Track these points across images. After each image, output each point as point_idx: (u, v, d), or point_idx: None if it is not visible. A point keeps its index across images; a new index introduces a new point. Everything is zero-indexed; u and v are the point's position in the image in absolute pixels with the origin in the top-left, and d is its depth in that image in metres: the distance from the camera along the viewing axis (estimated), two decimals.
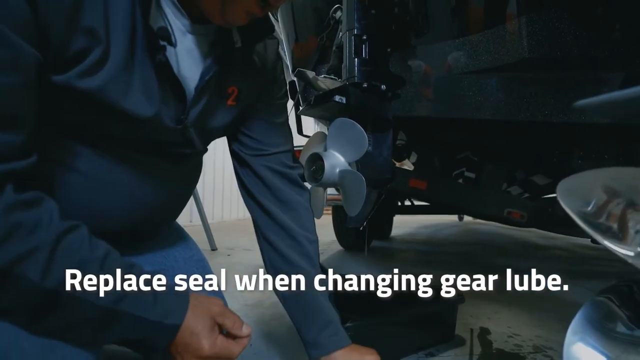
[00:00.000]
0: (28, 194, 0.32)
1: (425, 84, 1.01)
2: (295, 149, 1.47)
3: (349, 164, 0.69)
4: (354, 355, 0.54)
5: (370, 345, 0.57)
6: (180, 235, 0.66)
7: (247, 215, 0.61)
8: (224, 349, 0.39)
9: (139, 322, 0.35)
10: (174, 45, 0.43)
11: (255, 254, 1.95)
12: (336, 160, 0.68)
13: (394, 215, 2.47)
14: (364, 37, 0.75)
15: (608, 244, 0.34)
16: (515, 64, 0.87)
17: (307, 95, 1.25)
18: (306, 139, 1.49)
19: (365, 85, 0.74)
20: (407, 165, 2.28)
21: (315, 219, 0.66)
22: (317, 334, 0.53)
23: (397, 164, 1.67)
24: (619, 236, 0.34)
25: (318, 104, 0.75)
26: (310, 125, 2.32)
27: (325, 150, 0.71)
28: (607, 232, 0.35)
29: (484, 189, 1.22)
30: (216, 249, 1.99)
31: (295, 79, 1.36)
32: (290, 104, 0.71)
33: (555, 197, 1.28)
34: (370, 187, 0.77)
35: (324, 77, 1.04)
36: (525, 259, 1.94)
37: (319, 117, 0.90)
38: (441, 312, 0.73)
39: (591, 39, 0.79)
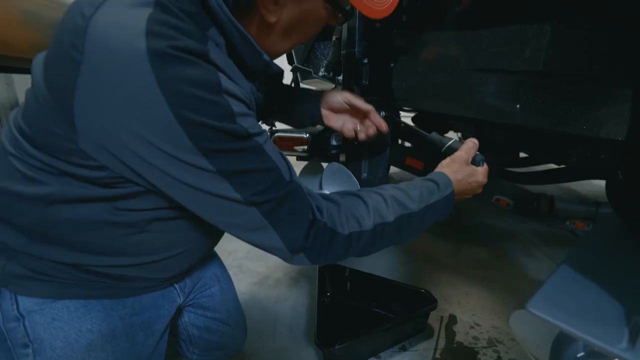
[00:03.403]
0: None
1: (429, 78, 0.94)
2: (287, 134, 1.40)
3: None
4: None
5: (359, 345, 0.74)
6: None
7: None
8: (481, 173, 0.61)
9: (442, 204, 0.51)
10: None
11: None
12: None
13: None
14: (365, 61, 0.68)
15: None
16: (525, 71, 0.80)
17: (307, 64, 1.16)
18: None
19: None
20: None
21: None
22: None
23: None
24: None
25: (316, 154, 0.73)
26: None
27: (321, 187, 0.73)
28: None
29: None
30: None
31: None
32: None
33: (540, 194, 1.31)
34: None
35: (322, 74, 0.96)
36: (503, 216, 1.88)
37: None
38: (417, 316, 0.86)
39: (610, 55, 0.72)
